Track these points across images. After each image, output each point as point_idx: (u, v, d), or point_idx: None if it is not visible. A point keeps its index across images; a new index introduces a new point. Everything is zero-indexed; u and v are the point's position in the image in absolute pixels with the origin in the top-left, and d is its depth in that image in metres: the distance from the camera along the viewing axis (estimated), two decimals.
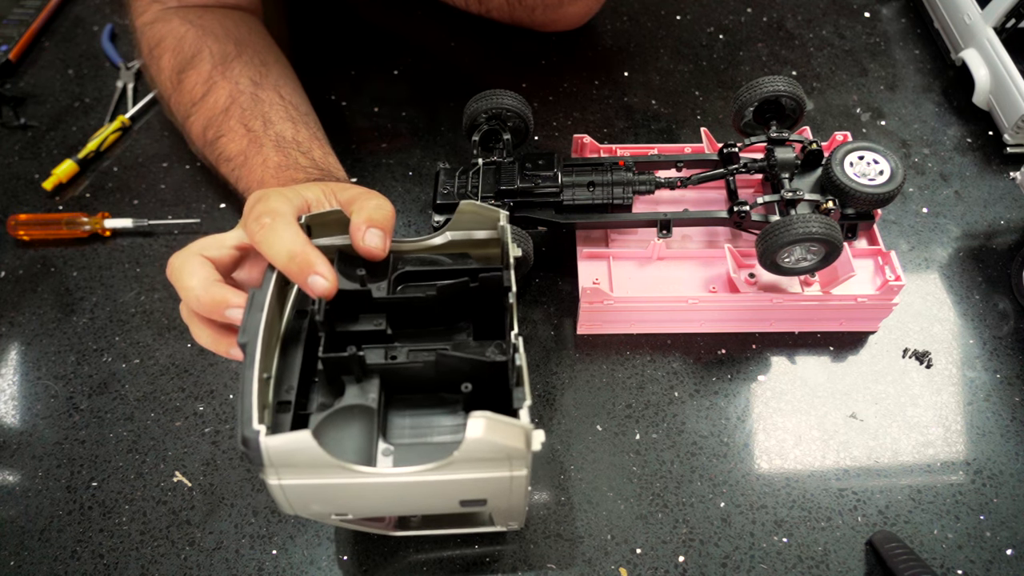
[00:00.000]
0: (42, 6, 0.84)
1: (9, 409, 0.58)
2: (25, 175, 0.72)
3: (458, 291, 0.45)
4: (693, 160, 0.62)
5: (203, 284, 0.41)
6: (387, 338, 0.45)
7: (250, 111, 0.58)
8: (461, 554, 0.51)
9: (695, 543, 0.51)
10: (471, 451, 0.36)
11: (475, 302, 0.46)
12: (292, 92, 0.62)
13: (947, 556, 0.51)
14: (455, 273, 0.46)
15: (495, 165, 0.59)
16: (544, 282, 0.64)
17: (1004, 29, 0.73)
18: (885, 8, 0.86)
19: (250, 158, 0.56)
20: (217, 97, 0.59)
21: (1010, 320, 0.62)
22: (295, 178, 0.53)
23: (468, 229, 0.48)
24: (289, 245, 0.41)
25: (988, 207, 0.69)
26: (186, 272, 0.42)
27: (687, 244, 0.63)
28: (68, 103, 0.78)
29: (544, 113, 0.76)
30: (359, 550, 0.51)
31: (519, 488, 0.40)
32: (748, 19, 0.85)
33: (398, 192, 0.70)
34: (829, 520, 0.52)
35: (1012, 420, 0.56)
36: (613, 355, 0.60)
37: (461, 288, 0.45)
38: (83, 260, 0.66)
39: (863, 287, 0.59)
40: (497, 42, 0.82)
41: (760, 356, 0.60)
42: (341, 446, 0.41)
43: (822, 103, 0.77)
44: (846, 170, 0.56)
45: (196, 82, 0.60)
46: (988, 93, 0.73)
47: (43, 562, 0.51)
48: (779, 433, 0.56)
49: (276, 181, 0.53)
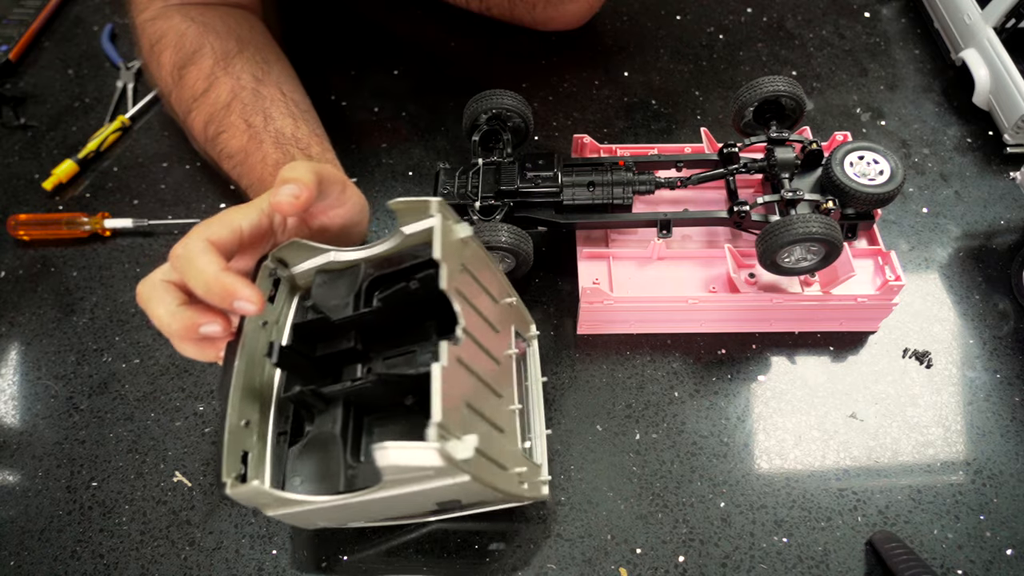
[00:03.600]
0: (42, 6, 0.84)
1: (9, 409, 0.58)
2: (25, 175, 0.72)
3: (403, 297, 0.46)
4: (693, 160, 0.62)
5: (169, 312, 0.42)
6: (361, 354, 0.46)
7: (251, 107, 0.58)
8: (461, 554, 0.51)
9: (695, 543, 0.51)
10: (393, 477, 0.38)
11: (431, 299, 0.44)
12: (293, 89, 0.62)
13: (947, 556, 0.51)
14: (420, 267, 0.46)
15: (495, 165, 0.59)
16: (544, 282, 0.64)
17: (1004, 29, 0.73)
18: (885, 8, 0.86)
19: (250, 155, 0.56)
20: (219, 92, 0.59)
21: (1010, 320, 0.62)
22: None
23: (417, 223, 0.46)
24: (203, 276, 0.41)
25: (988, 207, 0.69)
26: (153, 301, 0.43)
27: (687, 244, 0.63)
28: (68, 103, 0.78)
29: (544, 113, 0.76)
30: (359, 550, 0.51)
31: (476, 488, 0.40)
32: (748, 19, 0.85)
33: (398, 192, 0.70)
34: (829, 520, 0.52)
35: (1012, 420, 0.56)
36: (613, 355, 0.60)
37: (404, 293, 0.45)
38: (83, 260, 0.66)
39: (863, 287, 0.59)
40: (497, 42, 0.82)
41: (760, 356, 0.60)
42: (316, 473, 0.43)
43: (822, 103, 0.77)
44: (846, 170, 0.56)
45: (198, 78, 0.60)
46: (988, 93, 0.73)
47: (43, 562, 0.51)
48: (779, 433, 0.56)
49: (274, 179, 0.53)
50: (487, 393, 0.45)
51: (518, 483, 0.45)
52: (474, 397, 0.42)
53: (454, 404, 0.39)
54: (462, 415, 0.40)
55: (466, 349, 0.42)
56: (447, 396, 0.37)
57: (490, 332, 0.48)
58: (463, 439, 0.37)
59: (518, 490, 0.45)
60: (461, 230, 0.44)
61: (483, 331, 0.46)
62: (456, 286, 0.43)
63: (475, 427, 0.41)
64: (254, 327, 0.45)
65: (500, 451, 0.44)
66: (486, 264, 0.48)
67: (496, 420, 0.44)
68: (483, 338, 0.46)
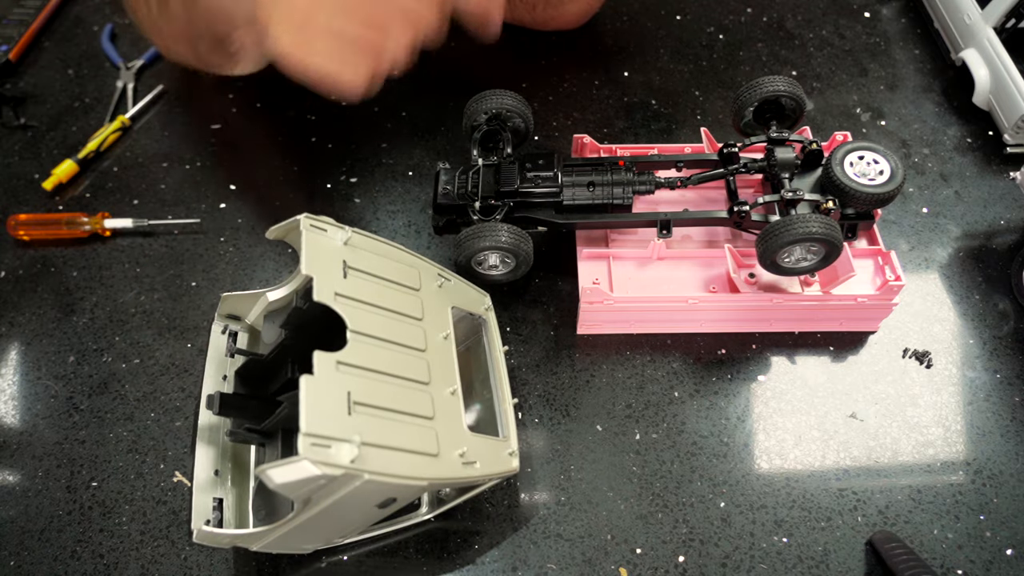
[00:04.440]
0: (42, 6, 0.84)
1: (9, 409, 0.58)
2: (25, 175, 0.72)
3: (302, 317, 0.47)
4: (693, 160, 0.62)
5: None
6: None
7: None
8: (461, 553, 0.51)
9: (695, 543, 0.51)
10: (293, 495, 0.39)
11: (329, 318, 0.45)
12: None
13: (947, 556, 0.51)
14: None
15: (495, 165, 0.59)
16: (544, 282, 0.64)
17: (1004, 29, 0.73)
18: (885, 8, 0.86)
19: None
20: None
21: (1010, 320, 0.62)
22: None
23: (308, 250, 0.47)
24: None
25: (988, 207, 0.69)
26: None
27: (687, 244, 0.63)
28: (68, 103, 0.78)
29: (544, 113, 0.76)
30: (359, 550, 0.51)
31: (390, 486, 0.41)
32: (748, 19, 0.85)
33: (398, 192, 0.70)
34: (829, 520, 0.52)
35: (1012, 420, 0.56)
36: (613, 355, 0.60)
37: (299, 314, 0.47)
38: (83, 260, 0.66)
39: (863, 287, 0.59)
40: (497, 42, 0.82)
41: (760, 356, 0.60)
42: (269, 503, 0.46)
43: (822, 103, 0.77)
44: (846, 170, 0.56)
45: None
46: (988, 93, 0.73)
47: (43, 562, 0.51)
48: (779, 433, 0.56)
49: None
50: (397, 386, 0.45)
51: (462, 465, 0.45)
52: (372, 395, 0.42)
53: (334, 409, 0.39)
54: (351, 417, 0.40)
55: (357, 350, 0.43)
56: (319, 404, 0.38)
57: (403, 323, 0.48)
58: (344, 443, 0.38)
59: (464, 472, 0.45)
60: (337, 236, 0.45)
61: (389, 325, 0.47)
62: (339, 291, 0.44)
63: (375, 425, 0.41)
64: (215, 383, 0.49)
65: (423, 440, 0.43)
66: (386, 258, 0.49)
67: (416, 409, 0.44)
68: (389, 332, 0.46)
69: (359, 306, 0.45)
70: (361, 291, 0.46)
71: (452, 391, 0.48)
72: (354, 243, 0.48)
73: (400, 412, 0.43)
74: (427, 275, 0.53)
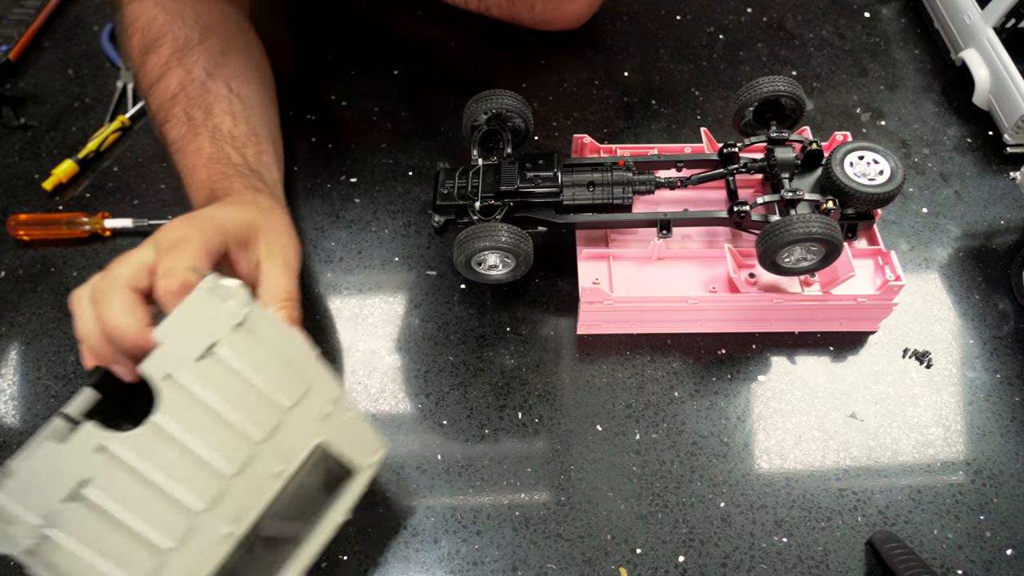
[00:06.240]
0: (42, 6, 0.84)
1: (9, 409, 0.58)
2: (25, 175, 0.72)
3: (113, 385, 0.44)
4: (693, 160, 0.62)
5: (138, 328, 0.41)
6: None
7: (195, 100, 0.59)
8: (460, 553, 0.51)
9: (695, 543, 0.51)
10: None
11: None
12: (244, 85, 0.62)
13: (947, 556, 0.51)
14: None
15: (495, 165, 0.59)
16: (544, 282, 0.64)
17: (1004, 29, 0.73)
18: (885, 8, 0.86)
19: (186, 145, 0.58)
20: (169, 82, 0.60)
21: (1010, 320, 0.62)
22: (224, 172, 0.55)
23: None
24: None
25: (988, 207, 0.69)
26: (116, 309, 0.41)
27: (687, 244, 0.63)
28: (68, 103, 0.78)
29: (544, 113, 0.76)
30: (359, 550, 0.51)
31: None
32: (748, 19, 0.85)
33: (398, 192, 0.70)
34: (829, 520, 0.52)
35: (1012, 420, 0.56)
36: (613, 355, 0.60)
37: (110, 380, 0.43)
38: (83, 260, 0.66)
39: (863, 287, 0.59)
40: (497, 42, 0.82)
41: (760, 356, 0.60)
42: None
43: (822, 103, 0.77)
44: (846, 170, 0.56)
45: (155, 65, 0.61)
46: (988, 93, 0.73)
47: None
48: (779, 433, 0.56)
49: (206, 171, 0.55)
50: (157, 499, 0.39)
51: None
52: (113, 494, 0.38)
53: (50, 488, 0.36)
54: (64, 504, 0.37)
55: (138, 442, 0.38)
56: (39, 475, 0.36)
57: (230, 437, 0.41)
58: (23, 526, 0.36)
59: None
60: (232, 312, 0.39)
61: (211, 434, 0.40)
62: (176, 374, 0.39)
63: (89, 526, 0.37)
64: None
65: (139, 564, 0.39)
66: (276, 359, 0.42)
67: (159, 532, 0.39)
68: (203, 441, 0.40)
69: (188, 400, 0.39)
70: (205, 382, 0.39)
71: (228, 533, 0.41)
72: (249, 326, 0.40)
73: (133, 528, 0.39)
74: (317, 398, 0.44)
